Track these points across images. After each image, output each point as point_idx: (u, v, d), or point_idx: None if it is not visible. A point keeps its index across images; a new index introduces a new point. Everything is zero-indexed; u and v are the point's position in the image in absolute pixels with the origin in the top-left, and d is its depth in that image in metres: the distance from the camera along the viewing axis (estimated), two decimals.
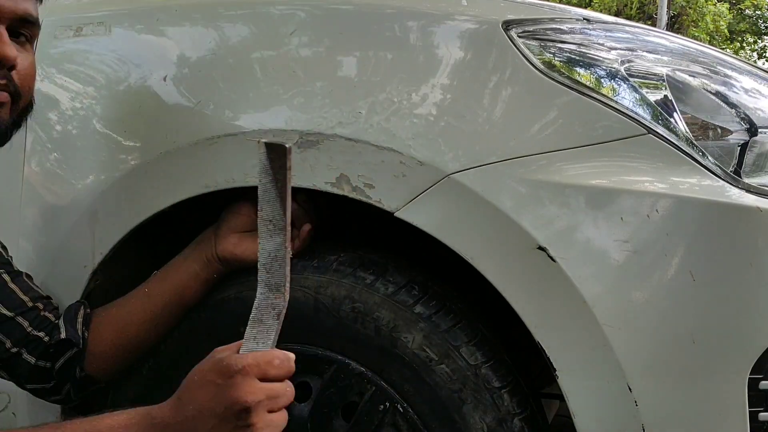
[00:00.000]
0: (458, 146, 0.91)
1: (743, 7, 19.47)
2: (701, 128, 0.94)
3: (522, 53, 0.92)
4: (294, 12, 1.02)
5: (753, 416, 0.87)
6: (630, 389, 0.86)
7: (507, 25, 0.94)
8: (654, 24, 13.64)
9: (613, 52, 0.96)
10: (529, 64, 0.92)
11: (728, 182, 0.89)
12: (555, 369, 0.88)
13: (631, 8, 16.68)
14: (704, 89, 0.97)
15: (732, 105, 0.97)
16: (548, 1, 1.11)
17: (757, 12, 19.79)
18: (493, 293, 0.90)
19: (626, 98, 0.91)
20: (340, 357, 0.98)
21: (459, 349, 0.94)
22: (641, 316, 0.86)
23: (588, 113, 0.90)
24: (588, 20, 1.03)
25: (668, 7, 14.99)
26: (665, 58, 0.99)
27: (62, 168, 1.12)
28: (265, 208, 0.73)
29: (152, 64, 1.07)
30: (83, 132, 1.10)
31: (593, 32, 1.00)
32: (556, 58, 0.93)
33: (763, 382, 0.87)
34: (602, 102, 0.90)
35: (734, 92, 0.99)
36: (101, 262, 1.08)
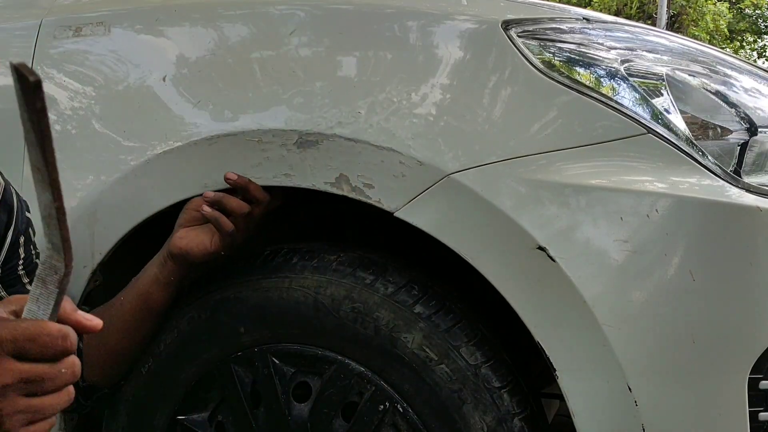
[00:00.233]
0: (458, 146, 0.91)
1: (743, 7, 19.46)
2: (701, 128, 0.94)
3: (522, 53, 0.92)
4: (293, 12, 1.02)
5: (753, 416, 0.87)
6: (630, 389, 0.86)
7: (507, 25, 0.94)
8: (654, 23, 13.64)
9: (613, 52, 0.96)
10: (529, 64, 0.92)
11: (728, 182, 0.89)
12: (555, 369, 0.88)
13: (631, 8, 16.67)
14: (704, 89, 0.97)
15: (732, 104, 0.97)
16: (548, 1, 1.11)
17: (757, 11, 19.78)
18: (493, 293, 0.90)
19: (626, 98, 0.91)
20: (340, 357, 0.98)
21: (459, 349, 0.94)
22: (641, 316, 0.86)
23: (588, 113, 0.90)
24: (588, 20, 1.03)
25: (668, 7, 14.98)
26: (665, 58, 0.99)
27: (61, 168, 1.11)
28: (31, 152, 0.59)
29: (151, 64, 1.07)
30: (82, 132, 1.10)
31: (593, 32, 1.00)
32: (556, 58, 0.93)
33: (763, 382, 0.87)
34: (602, 102, 0.90)
35: (734, 92, 0.99)
36: (101, 263, 1.08)
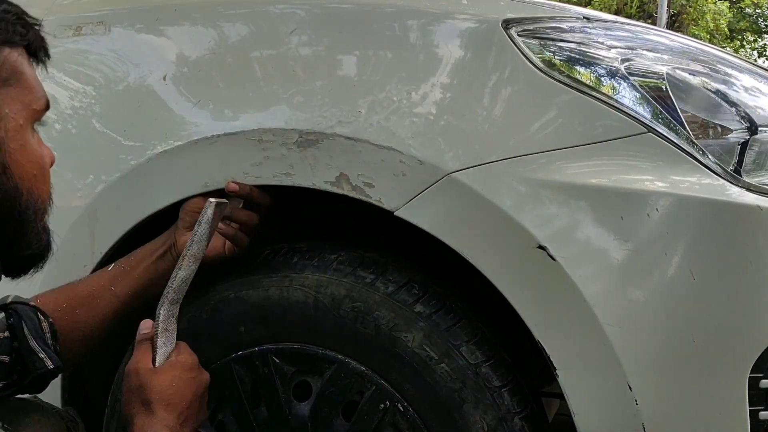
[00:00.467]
0: (458, 145, 0.91)
1: (743, 6, 19.45)
2: (701, 127, 0.94)
3: (522, 52, 0.92)
4: (293, 11, 1.02)
5: (753, 415, 0.87)
6: (630, 388, 0.86)
7: (507, 24, 0.94)
8: (654, 22, 13.63)
9: (613, 51, 0.96)
10: (529, 63, 0.92)
11: (728, 181, 0.89)
12: (555, 368, 0.88)
13: (631, 7, 16.67)
14: (704, 88, 0.97)
15: (732, 103, 0.96)
16: (548, 0, 1.11)
17: (758, 10, 19.77)
18: (494, 292, 0.90)
19: (626, 97, 0.91)
20: (340, 356, 0.98)
21: (459, 348, 0.94)
22: (641, 315, 0.86)
23: (588, 112, 0.90)
24: (588, 19, 1.02)
25: (668, 6, 14.98)
26: (665, 57, 0.99)
27: (62, 167, 1.11)
28: (194, 247, 0.91)
29: (152, 64, 1.07)
30: (83, 131, 1.10)
31: (593, 31, 1.00)
32: (556, 57, 0.93)
33: (764, 381, 0.87)
34: (602, 101, 0.90)
35: (734, 91, 0.99)
36: (101, 262, 1.08)
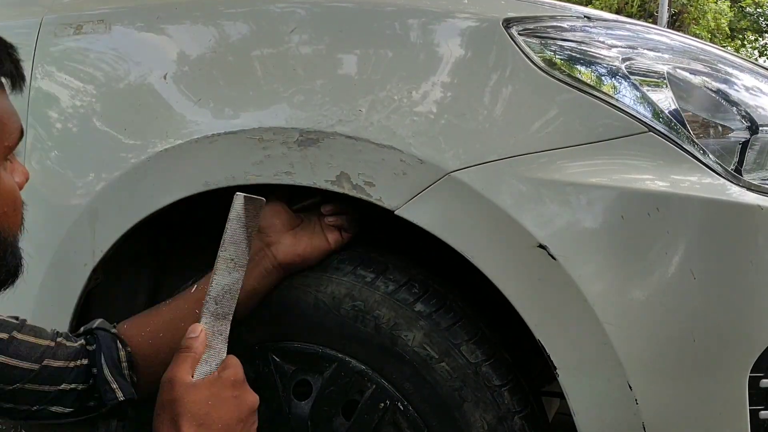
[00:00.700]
0: (459, 144, 0.91)
1: (744, 5, 19.44)
2: (702, 126, 0.94)
3: (522, 51, 0.92)
4: (294, 10, 1.02)
5: (753, 414, 0.87)
6: (630, 387, 0.86)
7: (507, 23, 0.94)
8: (655, 22, 13.62)
9: (614, 50, 0.96)
10: (530, 62, 0.92)
11: (729, 180, 0.89)
12: (555, 367, 0.88)
13: (632, 6, 16.66)
14: (705, 87, 0.97)
15: (733, 103, 0.96)
16: None
17: (758, 10, 19.76)
18: (494, 291, 0.90)
19: (627, 96, 0.91)
20: (341, 355, 0.98)
21: (459, 347, 0.94)
22: (642, 315, 0.86)
23: (589, 111, 0.90)
24: (588, 18, 1.02)
25: (669, 5, 14.97)
26: (666, 56, 0.99)
27: (62, 166, 1.12)
28: (230, 248, 0.86)
29: (152, 62, 1.07)
30: (83, 130, 1.10)
31: (594, 30, 1.00)
32: (557, 56, 0.93)
33: (764, 380, 0.87)
34: (603, 100, 0.90)
35: (735, 90, 0.99)
36: (101, 260, 1.08)
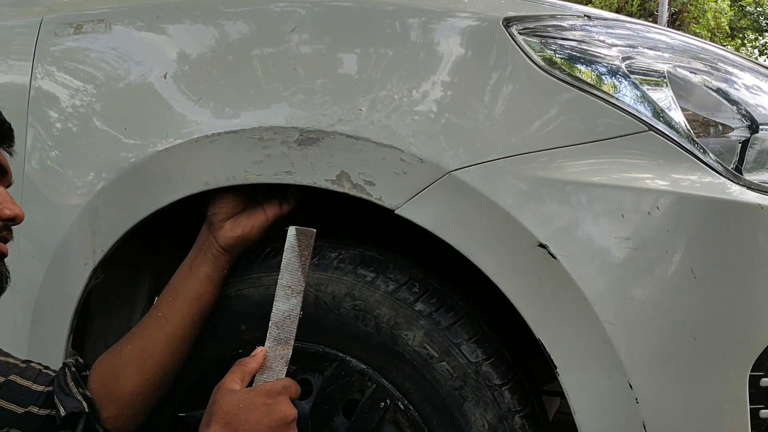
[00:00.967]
0: (459, 143, 0.91)
1: (744, 4, 19.43)
2: (702, 125, 0.94)
3: (523, 50, 0.92)
4: (294, 9, 1.02)
5: (754, 413, 0.87)
6: (631, 386, 0.86)
7: (508, 22, 0.94)
8: (655, 21, 13.62)
9: (614, 49, 0.96)
10: (530, 61, 0.92)
11: (729, 179, 0.89)
12: (556, 366, 0.88)
13: (632, 5, 16.64)
14: (705, 86, 0.97)
15: (733, 102, 0.96)
16: None
17: (759, 9, 19.74)
18: (494, 290, 0.90)
19: (627, 95, 0.91)
20: (341, 354, 0.99)
21: (460, 347, 0.94)
22: (642, 314, 0.86)
23: (589, 110, 0.90)
24: (589, 17, 1.02)
25: (669, 4, 14.97)
26: (666, 55, 0.99)
27: (63, 165, 1.12)
28: (286, 276, 0.92)
29: (152, 62, 1.07)
30: (84, 129, 1.10)
31: (594, 29, 1.00)
32: (557, 55, 0.93)
33: (764, 379, 0.87)
34: (603, 99, 0.90)
35: (735, 89, 0.99)
36: (102, 260, 1.08)
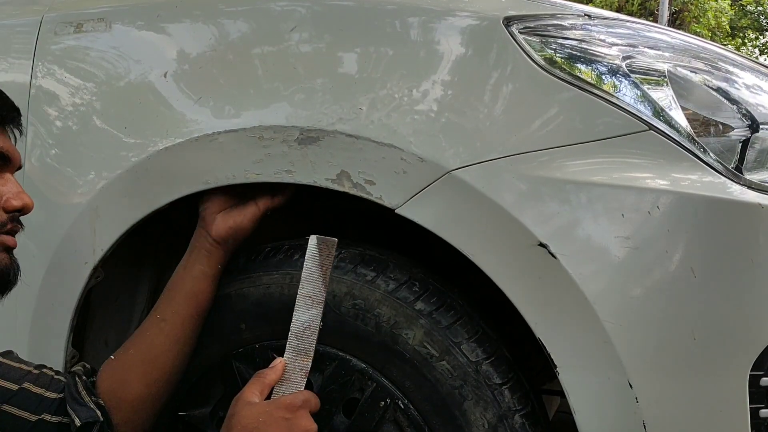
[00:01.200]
0: (459, 143, 0.91)
1: (745, 3, 19.42)
2: (703, 124, 0.94)
3: (523, 49, 0.92)
4: (294, 8, 1.02)
5: (754, 413, 0.87)
6: (631, 386, 0.86)
7: (508, 21, 0.94)
8: (655, 20, 13.61)
9: (615, 48, 0.96)
10: (530, 61, 0.92)
11: (730, 179, 0.89)
12: (556, 366, 0.88)
13: (633, 4, 16.63)
14: (706, 85, 0.97)
15: (734, 101, 0.96)
16: None
17: (759, 8, 19.73)
18: (494, 290, 0.90)
19: (627, 94, 0.90)
20: (341, 354, 0.99)
21: (460, 346, 0.94)
22: (642, 313, 0.86)
23: (589, 109, 0.90)
24: (589, 16, 1.02)
25: (670, 3, 14.96)
26: (667, 54, 0.99)
27: (63, 164, 1.12)
28: (306, 286, 0.92)
29: (152, 61, 1.07)
30: (84, 128, 1.10)
31: (594, 28, 0.99)
32: (558, 55, 0.93)
33: (764, 379, 0.87)
34: (603, 98, 0.89)
35: (736, 88, 0.99)
36: (102, 259, 1.08)
